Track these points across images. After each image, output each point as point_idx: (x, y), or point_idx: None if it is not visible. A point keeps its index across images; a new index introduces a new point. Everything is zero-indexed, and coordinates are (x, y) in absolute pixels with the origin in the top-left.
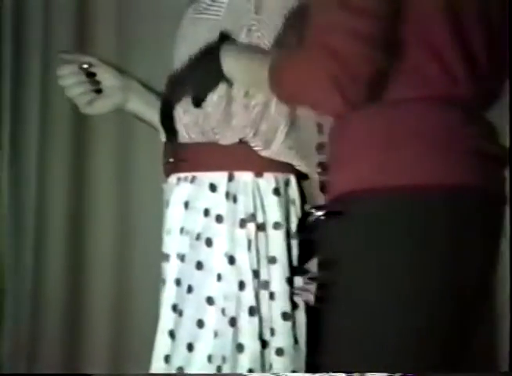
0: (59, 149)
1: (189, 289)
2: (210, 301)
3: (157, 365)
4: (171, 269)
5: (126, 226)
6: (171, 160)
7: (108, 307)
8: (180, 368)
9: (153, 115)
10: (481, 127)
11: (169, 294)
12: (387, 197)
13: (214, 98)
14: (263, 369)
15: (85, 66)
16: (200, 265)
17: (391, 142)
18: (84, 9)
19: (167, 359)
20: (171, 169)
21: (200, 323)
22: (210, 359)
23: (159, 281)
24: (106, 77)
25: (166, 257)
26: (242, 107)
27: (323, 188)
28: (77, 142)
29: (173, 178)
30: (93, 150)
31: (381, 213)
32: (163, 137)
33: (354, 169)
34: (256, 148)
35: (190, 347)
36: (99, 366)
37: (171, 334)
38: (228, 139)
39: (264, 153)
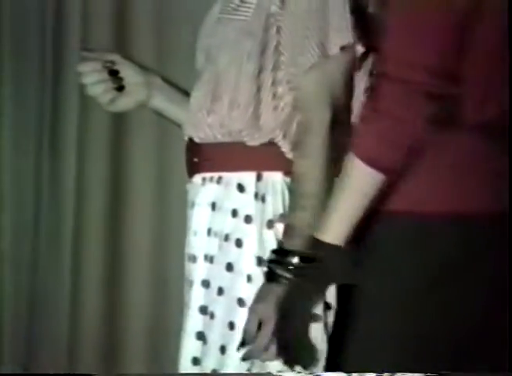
0: (98, 151)
1: (220, 291)
2: (241, 302)
3: (185, 367)
4: (198, 271)
5: (164, 228)
6: (196, 159)
7: (145, 309)
8: (214, 370)
9: (177, 112)
10: (502, 146)
11: (197, 296)
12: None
13: (242, 100)
14: (292, 370)
15: (108, 63)
16: (230, 267)
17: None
18: (122, 11)
19: (195, 361)
20: (195, 169)
21: (232, 325)
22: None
23: None
24: (129, 74)
25: (192, 258)
26: (271, 109)
27: None
28: (115, 143)
29: (198, 179)
30: (131, 152)
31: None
32: (185, 136)
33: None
34: (285, 149)
35: (223, 349)
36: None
37: (200, 336)
38: (256, 140)
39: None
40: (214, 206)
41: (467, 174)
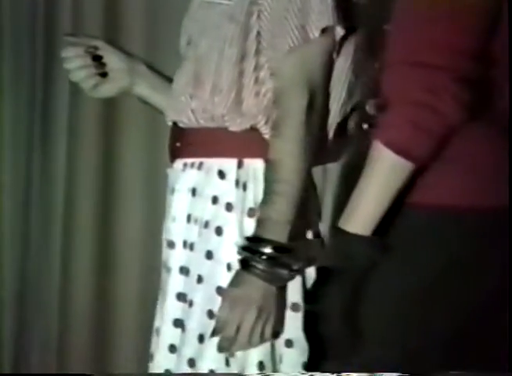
0: (89, 139)
1: (199, 279)
2: (220, 291)
3: (162, 354)
4: (176, 257)
5: (155, 216)
6: (178, 144)
7: (136, 300)
8: (191, 360)
9: (161, 99)
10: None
11: (175, 283)
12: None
13: (224, 85)
14: (273, 361)
15: (91, 49)
16: (209, 255)
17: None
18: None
19: (172, 348)
20: (177, 154)
21: (211, 314)
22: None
23: None
24: (113, 60)
25: (171, 244)
26: (253, 94)
27: None
28: (106, 131)
29: (179, 164)
30: (122, 140)
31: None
32: (169, 121)
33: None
34: (267, 135)
35: (201, 338)
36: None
37: (177, 324)
38: (238, 125)
39: None
40: (194, 192)
41: (480, 167)
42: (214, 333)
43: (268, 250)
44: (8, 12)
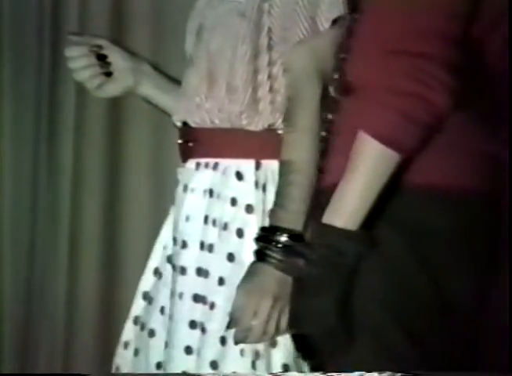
0: (95, 138)
1: (221, 281)
2: None
3: (178, 356)
4: (192, 258)
5: (161, 215)
6: (190, 144)
7: None
8: (214, 362)
9: (165, 99)
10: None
11: (191, 284)
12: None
13: (239, 83)
14: (297, 363)
15: (95, 48)
16: (231, 257)
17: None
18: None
19: (188, 350)
20: (189, 154)
21: None
22: (242, 353)
23: None
24: (117, 59)
25: (182, 243)
26: (267, 91)
27: None
28: (112, 130)
29: (191, 164)
30: (128, 139)
31: None
32: (177, 121)
33: None
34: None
35: (223, 340)
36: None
37: (193, 325)
38: (256, 124)
39: None
40: (211, 193)
41: (462, 152)
42: (229, 324)
43: (283, 238)
44: (14, 12)
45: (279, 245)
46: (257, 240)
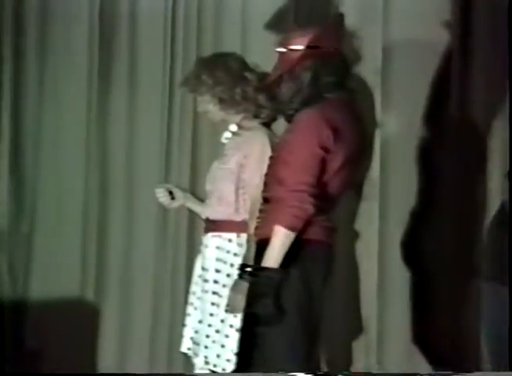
0: None
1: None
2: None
3: None
4: None
5: None
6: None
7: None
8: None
9: (197, 209)
10: None
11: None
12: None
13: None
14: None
15: (167, 188)
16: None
17: None
18: None
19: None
20: (206, 229)
21: None
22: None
23: None
24: (177, 193)
25: None
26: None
27: None
28: None
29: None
30: None
31: None
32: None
33: None
34: None
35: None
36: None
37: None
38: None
39: None
40: (219, 248)
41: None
42: (226, 309)
43: (248, 269)
44: None
45: (247, 272)
46: (239, 269)
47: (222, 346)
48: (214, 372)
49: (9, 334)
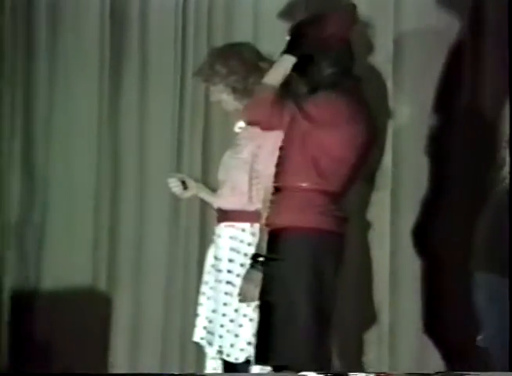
0: None
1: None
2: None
3: None
4: None
5: None
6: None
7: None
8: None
9: (210, 199)
10: None
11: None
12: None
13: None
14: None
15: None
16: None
17: None
18: None
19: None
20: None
21: None
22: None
23: None
24: (189, 183)
25: None
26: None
27: None
28: None
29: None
30: None
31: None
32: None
33: None
34: None
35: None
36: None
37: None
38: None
39: None
40: (232, 238)
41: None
42: (240, 299)
43: (261, 259)
44: None
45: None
46: (251, 259)
47: (236, 336)
48: (226, 362)
49: (21, 324)
